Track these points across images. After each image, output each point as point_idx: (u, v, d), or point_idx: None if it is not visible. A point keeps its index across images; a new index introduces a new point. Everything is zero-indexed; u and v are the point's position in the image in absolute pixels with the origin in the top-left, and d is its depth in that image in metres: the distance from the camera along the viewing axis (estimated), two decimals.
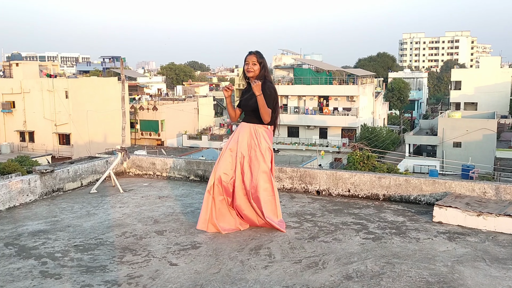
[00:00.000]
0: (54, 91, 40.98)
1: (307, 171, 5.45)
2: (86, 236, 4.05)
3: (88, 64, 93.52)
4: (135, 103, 51.84)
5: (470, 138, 37.78)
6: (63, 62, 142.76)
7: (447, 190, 4.85)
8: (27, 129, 42.93)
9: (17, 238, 4.02)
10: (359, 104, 45.58)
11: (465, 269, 3.32)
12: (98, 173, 6.17)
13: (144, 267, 3.39)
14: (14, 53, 53.56)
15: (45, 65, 53.96)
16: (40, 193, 5.30)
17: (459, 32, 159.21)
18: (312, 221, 4.45)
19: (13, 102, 43.03)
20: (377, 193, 5.19)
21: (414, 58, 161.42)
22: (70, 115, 40.79)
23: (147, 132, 51.01)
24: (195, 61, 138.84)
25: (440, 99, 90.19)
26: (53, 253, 3.67)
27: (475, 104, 59.55)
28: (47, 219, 4.55)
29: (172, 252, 3.68)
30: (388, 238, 3.97)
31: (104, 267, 3.38)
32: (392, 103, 62.96)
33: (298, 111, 47.68)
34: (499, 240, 3.91)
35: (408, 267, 3.35)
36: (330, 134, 46.28)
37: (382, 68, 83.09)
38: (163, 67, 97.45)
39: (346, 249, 3.72)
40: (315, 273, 3.27)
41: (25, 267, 3.40)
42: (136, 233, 4.12)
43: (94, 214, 4.71)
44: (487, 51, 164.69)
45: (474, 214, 4.19)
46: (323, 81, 47.35)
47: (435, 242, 3.87)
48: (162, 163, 6.44)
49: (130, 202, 5.17)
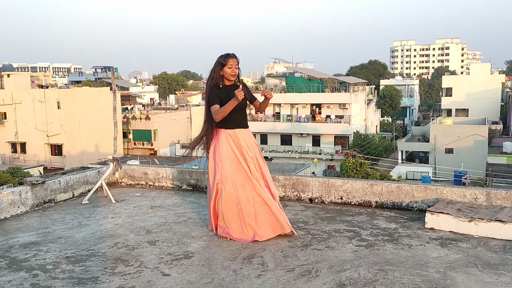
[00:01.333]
0: (45, 102, 40.80)
1: (300, 179, 5.46)
2: (77, 247, 4.02)
3: (80, 74, 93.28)
4: (128, 113, 51.68)
5: (461, 144, 38.03)
6: (55, 73, 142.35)
7: (438, 196, 4.87)
8: (19, 140, 42.64)
9: (8, 251, 3.98)
10: (352, 111, 45.78)
11: (457, 275, 3.34)
12: (90, 183, 6.14)
13: (137, 278, 3.37)
14: (5, 64, 53.42)
15: (36, 76, 53.83)
16: (31, 205, 5.26)
17: (449, 39, 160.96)
18: (305, 229, 4.45)
19: (5, 113, 42.77)
20: (369, 200, 5.20)
21: (405, 65, 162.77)
22: (62, 126, 40.58)
23: (140, 141, 50.83)
24: (188, 70, 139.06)
25: (431, 105, 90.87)
26: (45, 265, 3.64)
27: (466, 110, 60.05)
28: (39, 231, 4.51)
29: (164, 262, 3.66)
30: (381, 245, 3.98)
31: (96, 279, 3.36)
32: (384, 110, 63.36)
33: (291, 119, 47.80)
34: (491, 246, 3.93)
35: (401, 274, 3.36)
36: (323, 141, 46.41)
37: (374, 76, 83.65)
38: (155, 76, 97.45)
39: (339, 257, 3.72)
40: (308, 281, 3.27)
41: (16, 279, 3.36)
42: (129, 244, 4.10)
43: (86, 225, 4.68)
44: (477, 58, 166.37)
45: (466, 220, 4.21)
46: (316, 89, 47.56)
47: (427, 249, 3.88)
48: (154, 173, 6.42)
49: (122, 212, 5.15)
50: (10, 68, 51.02)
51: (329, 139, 46.26)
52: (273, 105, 48.05)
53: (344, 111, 46.03)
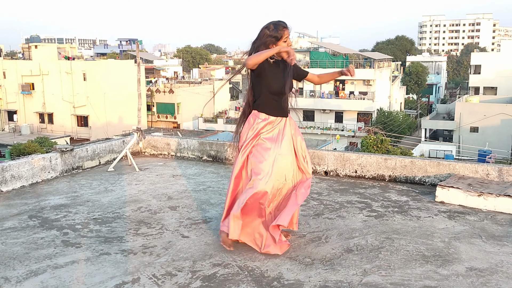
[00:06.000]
0: (72, 73, 41.55)
1: (316, 152, 5.62)
2: (104, 210, 4.31)
3: (105, 46, 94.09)
4: (152, 86, 52.23)
5: (487, 123, 37.31)
6: (81, 45, 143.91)
7: (451, 171, 4.98)
8: (46, 111, 43.70)
9: (40, 211, 4.29)
10: (376, 88, 45.24)
11: (461, 245, 3.49)
12: (115, 152, 6.43)
13: (158, 238, 3.63)
14: (33, 35, 54.26)
15: (63, 48, 54.58)
16: (60, 170, 5.58)
17: (480, 14, 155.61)
18: (319, 199, 4.64)
19: (33, 84, 43.76)
20: (383, 174, 5.34)
21: (433, 41, 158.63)
22: (88, 97, 41.36)
23: (164, 114, 51.45)
24: (212, 44, 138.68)
25: (459, 83, 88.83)
26: (74, 225, 3.93)
27: (494, 89, 58.54)
28: (68, 194, 4.82)
29: (184, 225, 3.91)
30: (390, 216, 4.14)
31: (121, 238, 3.63)
32: (409, 87, 62.29)
33: (314, 95, 47.58)
34: (498, 219, 4.06)
35: (406, 242, 3.53)
36: (346, 118, 46.13)
37: (400, 52, 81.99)
38: (179, 50, 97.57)
39: (349, 225, 3.91)
40: (318, 246, 3.47)
41: (48, 236, 3.66)
42: (151, 208, 4.37)
43: (111, 190, 4.97)
44: (509, 34, 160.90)
45: (475, 194, 4.33)
46: (340, 64, 46.98)
47: (435, 220, 4.03)
48: (176, 144, 6.67)
49: (145, 180, 5.42)
50: (37, 40, 51.87)
51: (352, 116, 45.97)
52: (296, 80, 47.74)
53: (368, 88, 45.52)
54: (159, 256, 3.28)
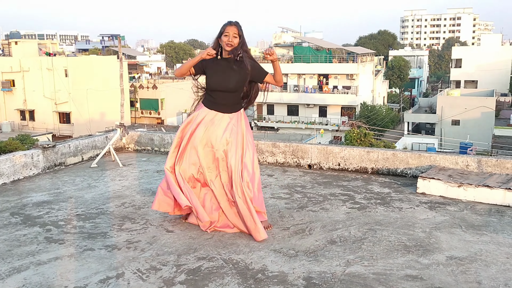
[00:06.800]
0: (53, 70, 40.92)
1: (299, 146, 5.66)
2: (87, 206, 4.29)
3: (87, 42, 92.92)
4: (135, 82, 51.78)
5: (468, 116, 37.91)
6: (62, 41, 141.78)
7: (432, 163, 5.06)
8: (27, 108, 43.01)
9: (22, 208, 4.25)
10: (359, 82, 45.55)
11: (441, 235, 3.56)
12: (98, 148, 6.38)
13: (142, 233, 3.63)
14: (13, 31, 53.23)
15: (44, 44, 53.75)
16: (42, 167, 5.52)
17: (461, 9, 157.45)
18: (302, 192, 4.68)
19: (13, 81, 43.00)
20: (365, 166, 5.41)
21: (415, 36, 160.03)
22: (70, 94, 40.82)
23: (147, 110, 51.08)
24: (195, 39, 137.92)
25: (440, 77, 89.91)
26: (57, 221, 3.91)
27: (475, 82, 59.45)
28: (50, 191, 4.78)
29: (168, 220, 3.91)
30: (373, 208, 4.20)
31: (104, 234, 3.62)
32: (392, 81, 62.86)
33: (298, 89, 47.69)
34: (477, 209, 4.15)
35: (388, 233, 3.59)
36: (330, 112, 46.39)
37: (383, 46, 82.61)
38: (162, 45, 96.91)
39: (332, 218, 3.95)
40: (302, 238, 3.51)
41: (31, 233, 3.63)
42: (135, 204, 4.36)
43: (94, 187, 4.94)
44: (489, 29, 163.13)
45: (455, 185, 4.41)
46: (323, 59, 47.20)
47: (416, 211, 4.10)
48: (160, 139, 6.64)
49: (129, 175, 5.40)
50: (17, 36, 50.89)
51: (336, 110, 46.24)
52: None
53: (351, 82, 45.81)
54: (143, 251, 3.28)
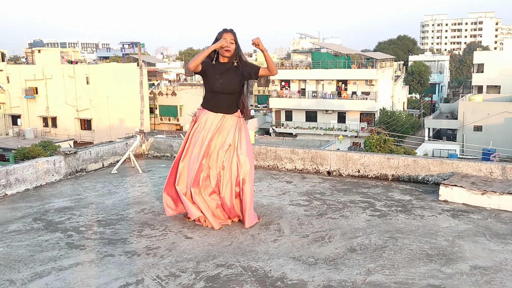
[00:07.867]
0: (75, 77, 41.67)
1: (318, 152, 5.62)
2: (108, 212, 4.32)
3: (108, 50, 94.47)
4: (154, 89, 52.36)
5: (491, 122, 37.18)
6: (84, 49, 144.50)
7: (454, 170, 4.97)
8: (50, 115, 43.83)
9: (44, 214, 4.31)
10: (378, 88, 45.17)
11: (465, 243, 3.49)
12: (118, 154, 6.45)
13: (162, 240, 3.64)
14: (36, 40, 54.43)
15: (66, 52, 54.77)
16: (64, 173, 5.60)
17: (482, 13, 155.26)
18: (322, 199, 4.64)
19: (36, 88, 43.91)
20: (386, 173, 5.34)
21: (436, 40, 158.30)
22: (91, 101, 41.47)
23: (166, 117, 51.59)
24: None
25: (462, 82, 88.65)
26: (78, 227, 3.95)
27: (498, 87, 58.34)
28: (72, 197, 4.84)
29: (187, 227, 3.92)
30: (394, 215, 4.14)
31: (124, 240, 3.64)
32: (412, 87, 62.12)
33: (316, 95, 47.52)
34: (502, 217, 4.05)
35: (410, 241, 3.53)
36: (349, 118, 46.09)
37: (403, 51, 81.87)
38: (181, 52, 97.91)
39: (352, 225, 3.91)
40: (321, 246, 3.48)
41: (53, 239, 3.68)
42: (154, 210, 4.38)
43: (115, 193, 4.99)
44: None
45: (479, 193, 4.32)
46: (342, 65, 46.98)
47: (438, 219, 4.03)
48: (179, 145, 6.66)
49: (148, 182, 5.44)
50: (40, 44, 51.99)
51: (355, 116, 45.91)
52: (298, 81, 47.84)
53: (370, 88, 45.46)
54: (162, 257, 3.29)
